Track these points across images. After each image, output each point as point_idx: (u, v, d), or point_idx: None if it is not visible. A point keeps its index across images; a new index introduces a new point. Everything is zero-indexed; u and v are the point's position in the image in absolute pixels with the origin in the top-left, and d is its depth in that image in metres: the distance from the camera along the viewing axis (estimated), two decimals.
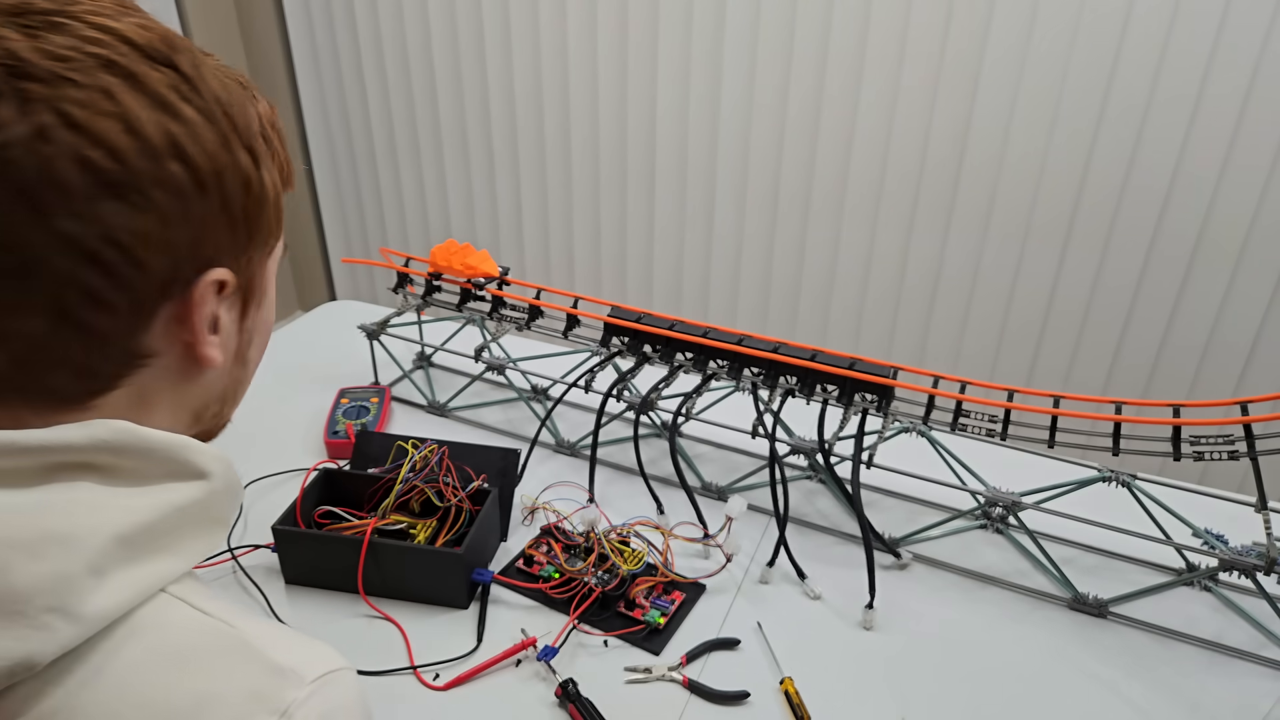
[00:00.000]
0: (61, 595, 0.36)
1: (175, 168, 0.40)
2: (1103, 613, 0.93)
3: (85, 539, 0.37)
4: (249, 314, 0.48)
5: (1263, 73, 1.54)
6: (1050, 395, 0.95)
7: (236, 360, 0.49)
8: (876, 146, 1.86)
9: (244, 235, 0.44)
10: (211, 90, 0.42)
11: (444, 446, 1.02)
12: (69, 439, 0.39)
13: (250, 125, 0.44)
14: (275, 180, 0.46)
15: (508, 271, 1.22)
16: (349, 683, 0.43)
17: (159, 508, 0.40)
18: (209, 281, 0.43)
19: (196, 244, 0.42)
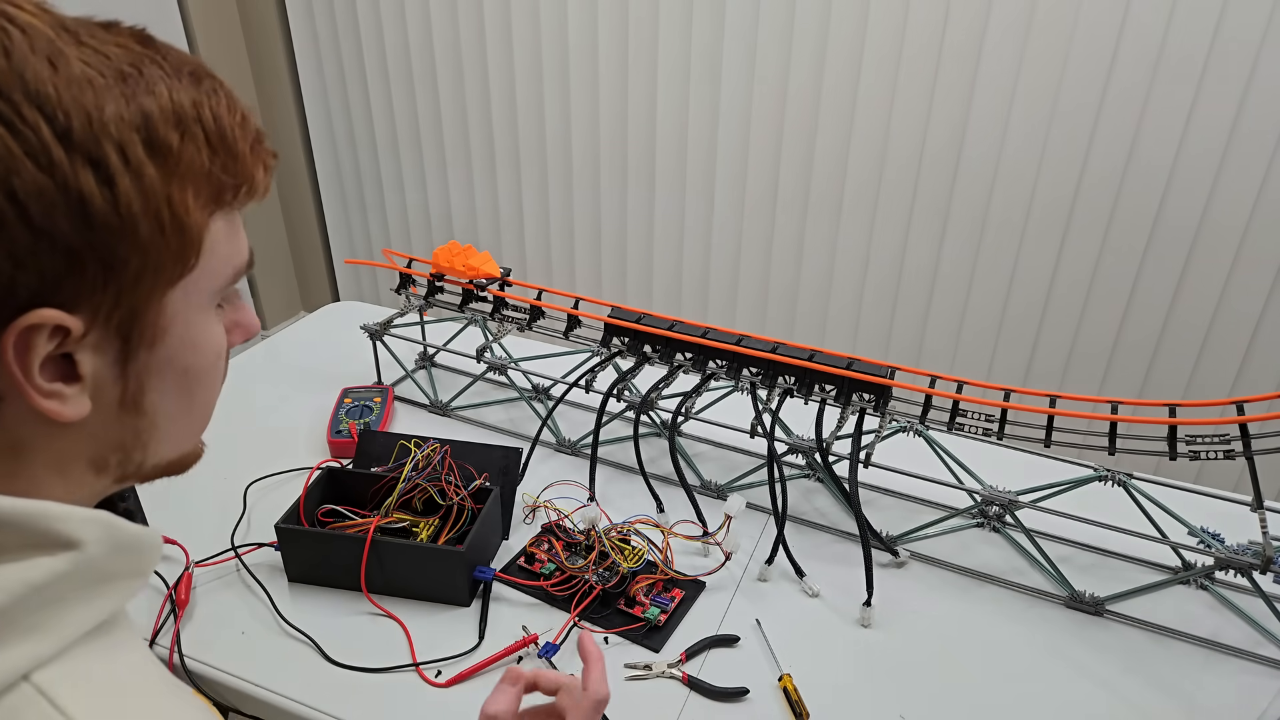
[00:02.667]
0: None
1: None
2: (1099, 611, 0.94)
3: None
4: (135, 357, 0.39)
5: (1259, 73, 1.54)
6: (1047, 395, 0.96)
7: (126, 409, 0.40)
8: (874, 148, 1.87)
9: (95, 269, 0.35)
10: (27, 86, 0.33)
11: (446, 445, 1.03)
12: None
13: (100, 129, 0.35)
14: (169, 196, 0.37)
15: (509, 273, 1.23)
16: None
17: (11, 588, 0.35)
18: (28, 325, 0.34)
19: (3, 280, 0.34)
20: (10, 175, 0.33)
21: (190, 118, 0.38)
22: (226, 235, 0.41)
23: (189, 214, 0.38)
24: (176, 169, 0.37)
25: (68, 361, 0.37)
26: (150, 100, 0.36)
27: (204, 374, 0.43)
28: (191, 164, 0.38)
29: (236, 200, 0.41)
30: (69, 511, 0.37)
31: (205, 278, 0.41)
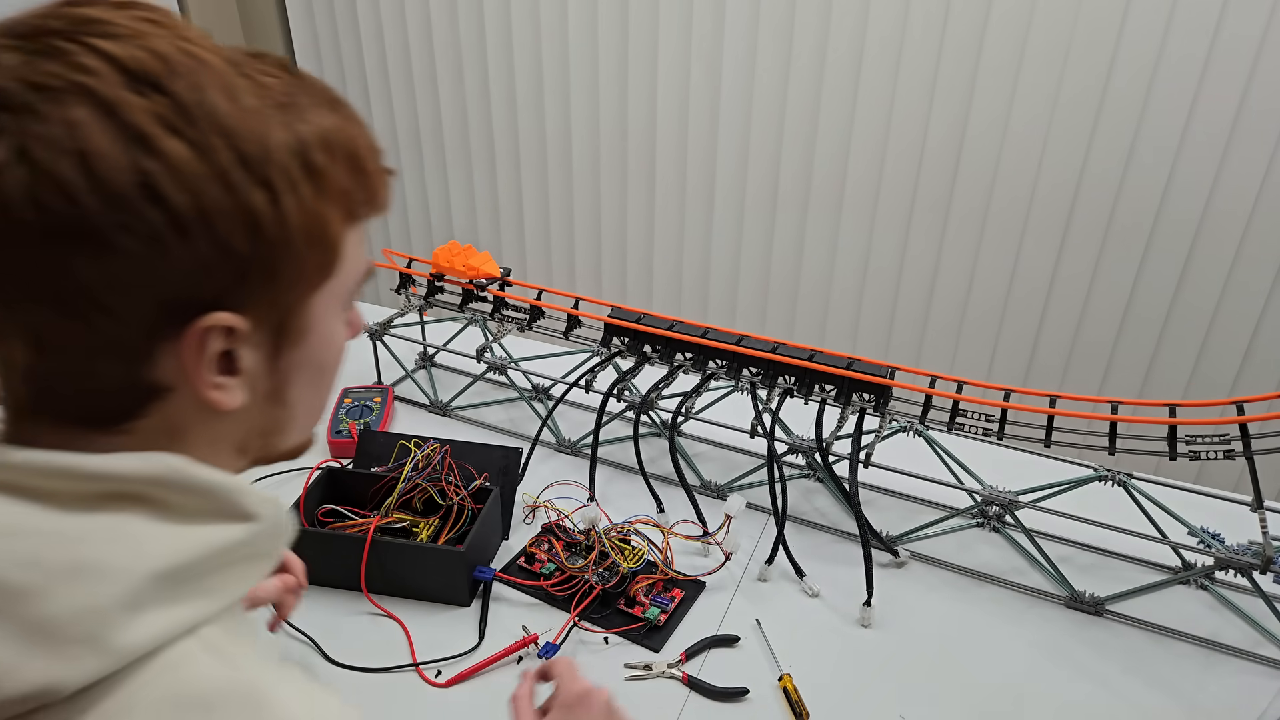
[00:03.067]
0: (93, 627, 0.36)
1: (147, 210, 0.36)
2: (1099, 611, 0.94)
3: (123, 573, 0.37)
4: (284, 354, 0.44)
5: (1259, 74, 1.54)
6: (1047, 395, 0.96)
7: (272, 400, 0.45)
8: (874, 147, 1.87)
9: (260, 277, 0.40)
10: (213, 117, 0.38)
11: (446, 445, 1.03)
12: (125, 469, 0.39)
13: (269, 155, 0.39)
14: (318, 213, 0.41)
15: (509, 273, 1.23)
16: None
17: (200, 548, 0.40)
18: (206, 326, 0.39)
19: (186, 289, 0.38)
20: (201, 195, 0.37)
21: (334, 142, 0.42)
22: (355, 246, 0.46)
23: (332, 228, 0.42)
24: (324, 188, 0.41)
25: (229, 358, 0.41)
26: (304, 127, 0.41)
27: (332, 369, 0.49)
28: (335, 183, 0.42)
29: (364, 214, 0.46)
30: (252, 489, 0.42)
31: (340, 284, 0.45)
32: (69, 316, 0.37)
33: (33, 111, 0.35)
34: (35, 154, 0.35)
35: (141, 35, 0.38)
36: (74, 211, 0.35)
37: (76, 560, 0.36)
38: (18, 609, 0.35)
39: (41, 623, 0.35)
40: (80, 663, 0.35)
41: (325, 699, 0.43)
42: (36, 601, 0.35)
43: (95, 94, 0.36)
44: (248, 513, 0.42)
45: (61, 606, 0.35)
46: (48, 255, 0.36)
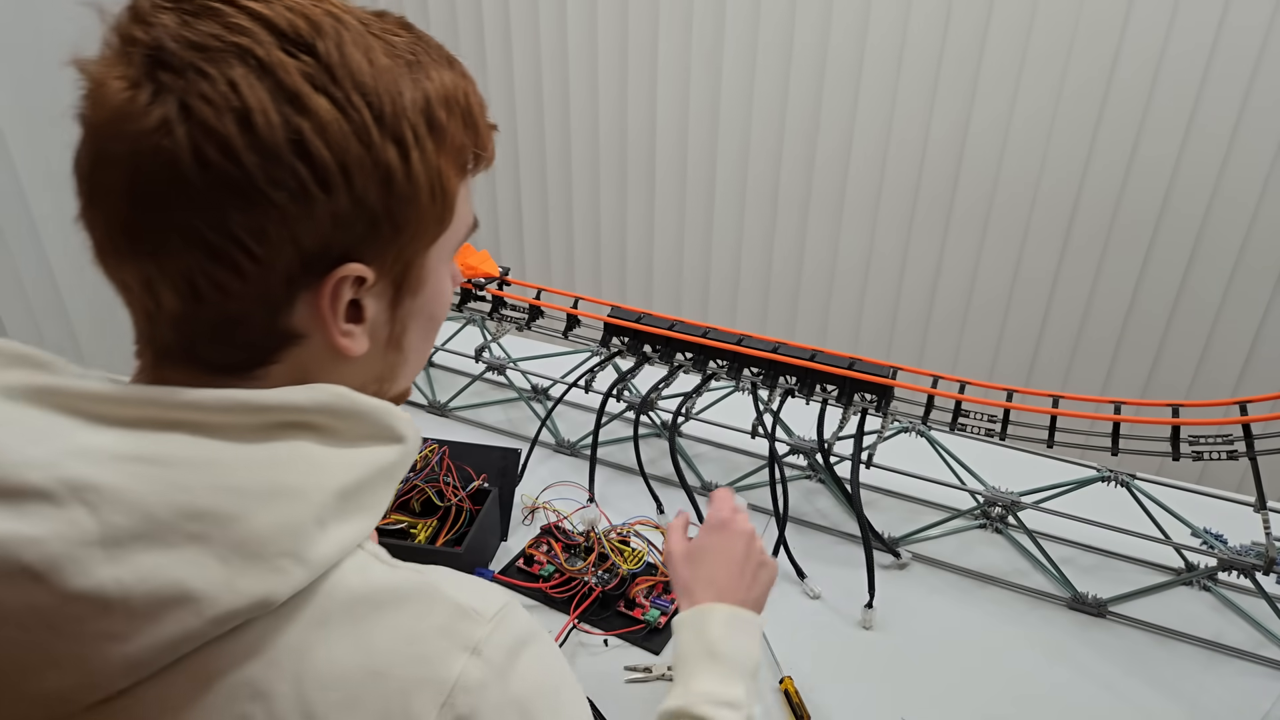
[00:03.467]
0: (294, 541, 0.39)
1: (297, 165, 0.38)
2: (1102, 612, 0.93)
3: (311, 492, 0.40)
4: (402, 303, 0.47)
5: (1261, 74, 1.54)
6: (1049, 395, 0.95)
7: (390, 346, 0.48)
8: (876, 147, 1.86)
9: (388, 229, 0.42)
10: (354, 76, 0.40)
11: (444, 446, 1.02)
12: (295, 400, 0.41)
13: (401, 111, 0.41)
14: (439, 168, 0.43)
15: (508, 272, 1.23)
16: (519, 613, 0.46)
17: (367, 467, 0.42)
18: (341, 276, 0.42)
19: (325, 240, 0.41)
20: (344, 151, 0.39)
21: (453, 99, 0.44)
22: (465, 200, 0.48)
23: (449, 182, 0.45)
24: (444, 144, 0.44)
25: (355, 306, 0.44)
26: (430, 85, 0.43)
27: (440, 318, 0.51)
28: (454, 139, 0.44)
29: (474, 169, 0.48)
30: (400, 412, 0.45)
31: (452, 236, 0.48)
32: (221, 265, 0.39)
33: (196, 70, 0.38)
34: (200, 112, 0.37)
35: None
36: (233, 166, 0.38)
37: (269, 484, 0.39)
38: (224, 532, 0.37)
39: (248, 542, 0.38)
40: (288, 575, 0.38)
41: (486, 587, 0.46)
42: (241, 523, 0.38)
43: (252, 54, 0.38)
44: (399, 434, 0.45)
45: (264, 525, 0.38)
46: (207, 206, 0.38)
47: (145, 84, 0.38)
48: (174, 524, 0.37)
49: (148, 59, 0.38)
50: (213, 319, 0.41)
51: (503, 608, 0.44)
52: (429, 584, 0.43)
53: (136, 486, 0.37)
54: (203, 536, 0.37)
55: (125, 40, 0.39)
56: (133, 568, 0.36)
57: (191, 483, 0.38)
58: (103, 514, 0.36)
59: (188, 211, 0.38)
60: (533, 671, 0.44)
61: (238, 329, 0.42)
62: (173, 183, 0.38)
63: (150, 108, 0.37)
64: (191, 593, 0.37)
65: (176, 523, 0.37)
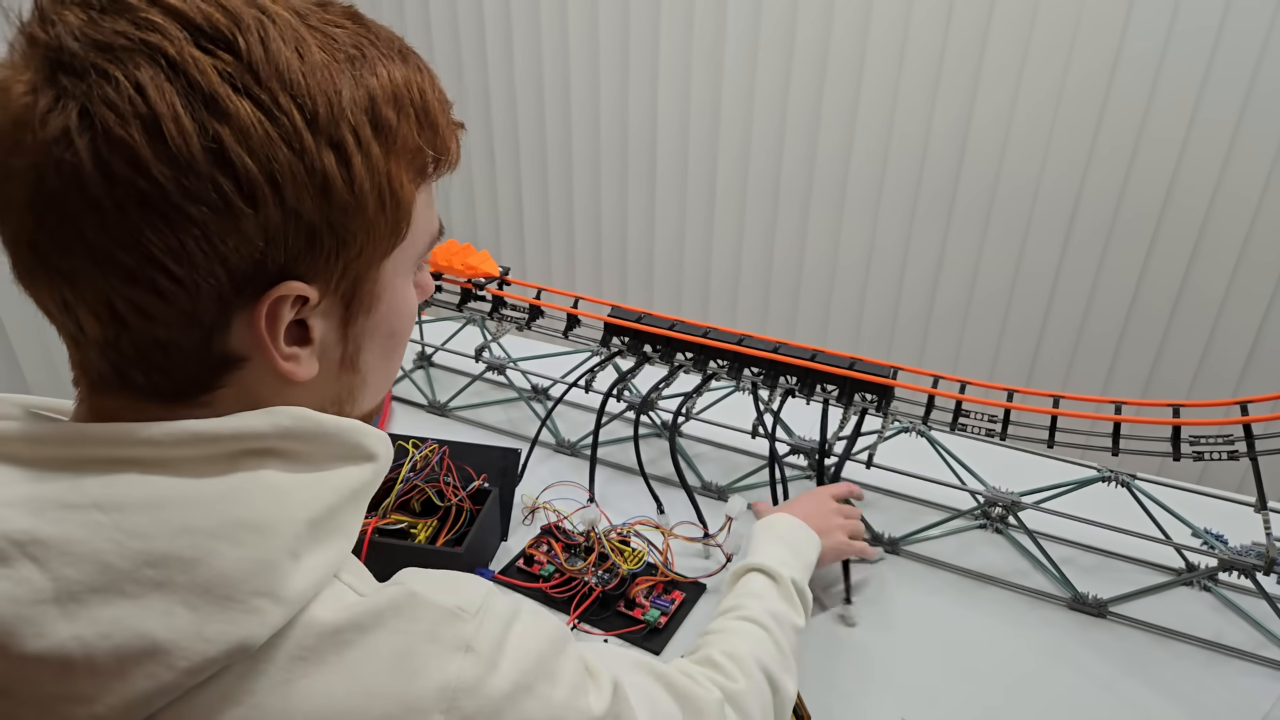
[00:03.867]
0: (267, 579, 0.36)
1: (217, 176, 0.35)
2: (1102, 612, 0.93)
3: (280, 525, 0.37)
4: (354, 321, 0.43)
5: (1263, 73, 1.53)
6: (1050, 395, 0.95)
7: (344, 368, 0.44)
8: (876, 146, 1.86)
9: (330, 244, 0.39)
10: (281, 75, 0.36)
11: (444, 446, 1.02)
12: (255, 427, 0.39)
13: (339, 113, 0.37)
14: (389, 173, 0.39)
15: (508, 271, 1.22)
16: (498, 598, 0.45)
17: (338, 491, 0.40)
18: (276, 297, 0.38)
19: (257, 257, 0.37)
20: (270, 160, 0.35)
21: (404, 97, 0.40)
22: (426, 206, 0.44)
23: (403, 188, 0.41)
24: (394, 146, 0.40)
25: (301, 327, 0.41)
26: (374, 81, 0.39)
27: (403, 335, 0.48)
28: (405, 141, 0.40)
29: (435, 173, 0.44)
30: (369, 429, 0.43)
31: (410, 247, 0.44)
32: (140, 287, 0.36)
33: (99, 73, 0.34)
34: (103, 119, 0.33)
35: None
36: (143, 180, 0.34)
37: (233, 520, 0.36)
38: (188, 576, 0.35)
39: (215, 584, 0.35)
40: (265, 615, 0.36)
41: (460, 580, 0.45)
42: (205, 566, 0.35)
43: (162, 52, 0.34)
44: (370, 452, 0.43)
45: (232, 565, 0.36)
46: (117, 225, 0.35)
47: (45, 89, 0.34)
48: (133, 573, 0.35)
49: (48, 61, 0.34)
50: (140, 344, 0.38)
51: (484, 598, 0.43)
52: (408, 593, 0.41)
53: (87, 536, 0.35)
54: (166, 583, 0.35)
55: (29, 40, 0.35)
56: (92, 623, 0.34)
57: (147, 527, 0.35)
58: (53, 568, 0.34)
59: (97, 230, 0.35)
60: (524, 650, 0.43)
61: (169, 354, 0.38)
62: (78, 199, 0.34)
63: (50, 115, 0.34)
64: (160, 644, 0.34)
65: (136, 571, 0.35)
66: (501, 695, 0.41)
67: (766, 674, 0.66)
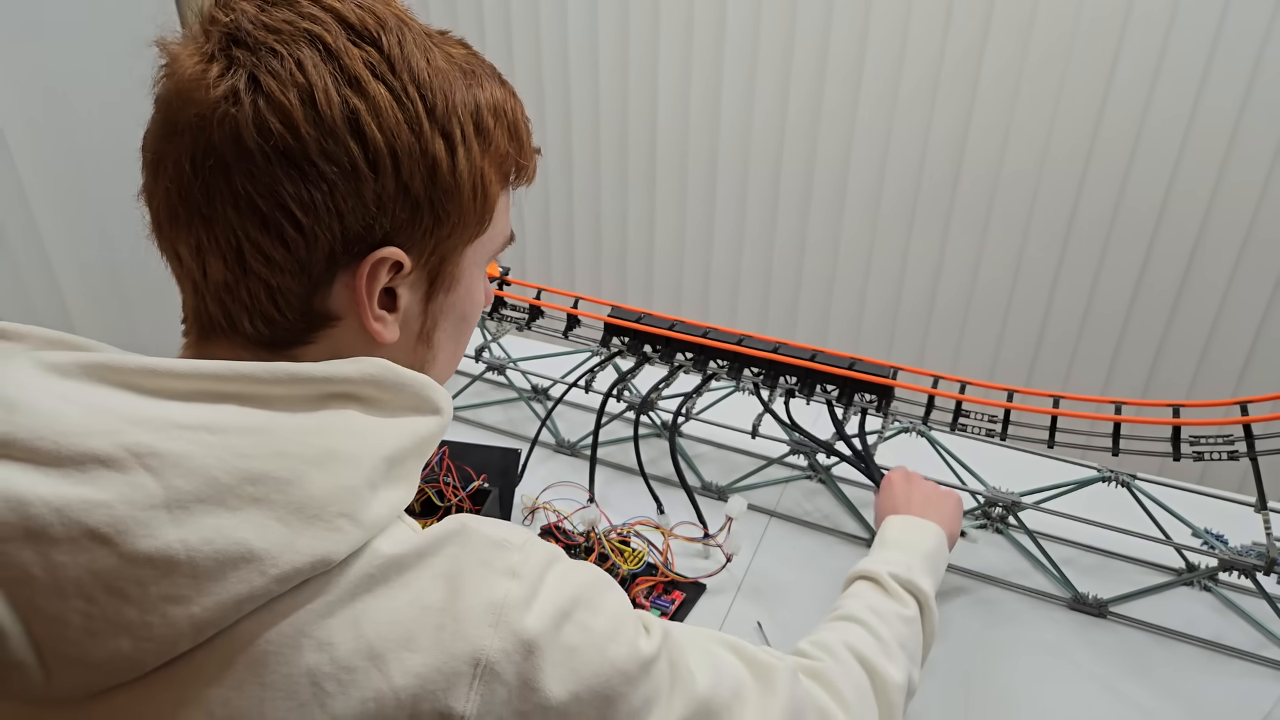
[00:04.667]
0: (349, 503, 0.40)
1: (350, 143, 0.41)
2: (1102, 613, 0.93)
3: (362, 458, 0.42)
4: (435, 297, 0.49)
5: (1261, 74, 1.53)
6: (1050, 395, 0.95)
7: (420, 340, 0.50)
8: (877, 147, 1.86)
9: (428, 219, 0.45)
10: (411, 71, 0.43)
11: (444, 446, 1.02)
12: (343, 372, 0.43)
13: (452, 109, 0.45)
14: (482, 170, 0.47)
15: (508, 271, 1.22)
16: (540, 542, 0.48)
17: (410, 436, 0.45)
18: (379, 258, 0.44)
19: (369, 220, 0.43)
20: (395, 136, 0.43)
21: (501, 110, 0.48)
22: (504, 209, 0.52)
23: (491, 186, 0.48)
24: (489, 148, 0.47)
25: (390, 296, 0.47)
26: (481, 93, 0.47)
27: (472, 322, 0.54)
28: (498, 146, 0.48)
29: (516, 181, 0.52)
30: (437, 386, 0.47)
31: (488, 241, 0.51)
32: (269, 233, 0.42)
33: (268, 49, 0.41)
34: (267, 84, 0.41)
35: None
36: (292, 137, 0.41)
37: (323, 449, 0.40)
38: (282, 495, 0.39)
39: (306, 504, 0.39)
40: (346, 534, 0.40)
41: (499, 522, 0.48)
42: (298, 486, 0.39)
43: (321, 40, 0.42)
44: (437, 406, 0.47)
45: (321, 488, 0.40)
46: (262, 174, 0.41)
47: (219, 58, 0.41)
48: (235, 488, 0.38)
49: (225, 37, 0.42)
50: (255, 290, 0.43)
51: (528, 537, 0.47)
52: (461, 525, 0.45)
53: (197, 452, 0.38)
54: (263, 499, 0.39)
55: (207, 22, 0.43)
56: (197, 529, 0.37)
57: (249, 449, 0.39)
58: (166, 478, 0.38)
59: (244, 177, 0.41)
60: (566, 581, 0.46)
61: (278, 302, 0.44)
62: (234, 149, 0.41)
63: (221, 79, 0.41)
64: (255, 552, 0.38)
65: (237, 486, 0.38)
66: (545, 616, 0.44)
67: (859, 658, 0.65)
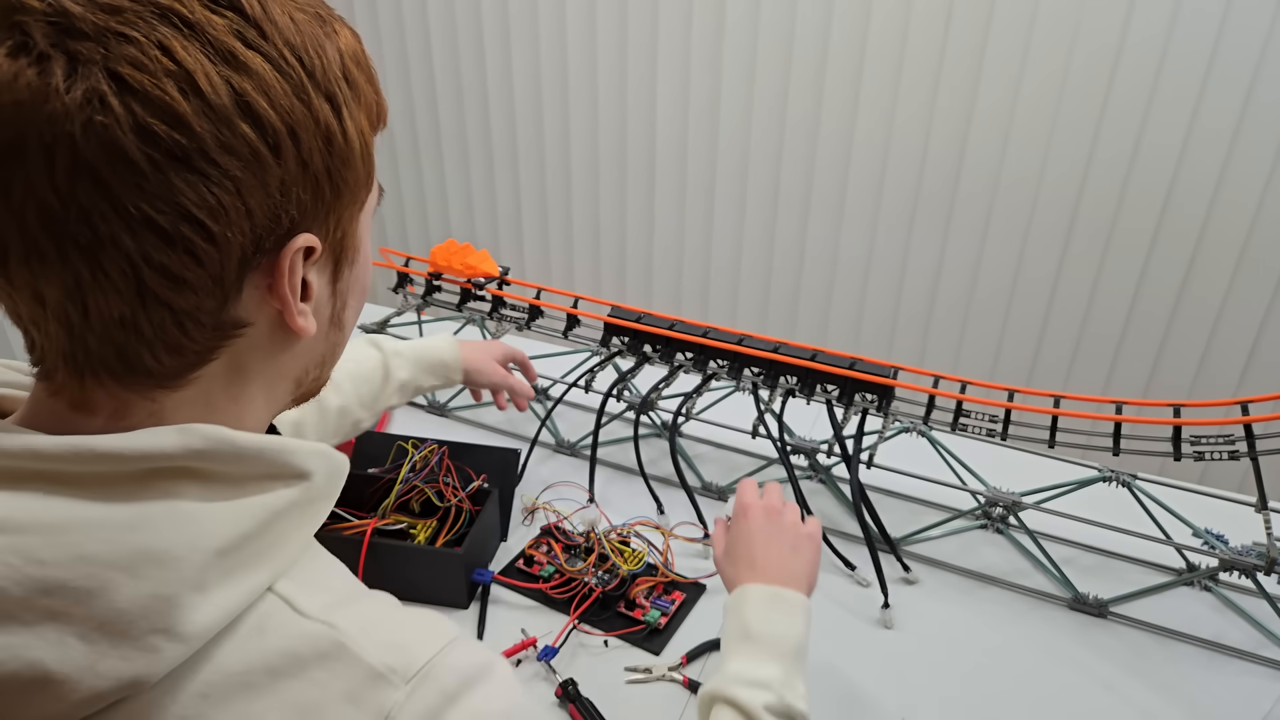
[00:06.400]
0: (165, 616, 0.35)
1: (245, 129, 0.35)
2: (1103, 613, 0.93)
3: (185, 557, 0.35)
4: (341, 275, 0.44)
5: (1263, 73, 1.53)
6: (1050, 395, 0.95)
7: (332, 325, 0.45)
8: (877, 146, 1.86)
9: (329, 194, 0.40)
10: (281, 33, 0.37)
11: (444, 446, 1.02)
12: (163, 447, 0.37)
13: (329, 67, 0.39)
14: (362, 125, 0.41)
15: (508, 271, 1.22)
16: (453, 661, 0.40)
17: (257, 514, 0.38)
18: (294, 249, 0.39)
19: (276, 211, 0.37)
20: (288, 111, 0.37)
21: (358, 54, 0.42)
22: None
23: (369, 140, 0.42)
24: (360, 100, 0.41)
25: (303, 284, 0.41)
26: (339, 41, 0.41)
27: (367, 291, 0.48)
28: (364, 95, 0.42)
29: (379, 127, 0.45)
30: (299, 445, 0.41)
31: (372, 199, 0.45)
32: (175, 250, 0.36)
33: (116, 35, 0.33)
34: (134, 80, 0.33)
35: None
36: (183, 136, 0.34)
37: (134, 550, 0.35)
38: (84, 608, 0.34)
39: (112, 619, 0.34)
40: (160, 653, 0.35)
41: (421, 631, 0.41)
42: (101, 598, 0.34)
43: (174, 13, 0.35)
44: (300, 471, 0.41)
45: (128, 600, 0.34)
46: (156, 187, 0.34)
47: (54, 55, 0.33)
48: (28, 601, 0.33)
49: (52, 27, 0.33)
50: (159, 320, 0.37)
51: (429, 662, 0.39)
52: (337, 643, 0.38)
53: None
54: (62, 614, 0.34)
55: (2, 12, 0.34)
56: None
57: (46, 553, 0.34)
58: None
59: (133, 192, 0.34)
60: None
61: (186, 327, 0.38)
62: (111, 163, 0.33)
63: (72, 82, 0.33)
64: (52, 675, 0.33)
65: (31, 599, 0.33)
66: None
67: None
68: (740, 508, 0.76)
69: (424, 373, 0.98)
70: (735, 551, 0.74)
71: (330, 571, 0.44)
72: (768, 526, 0.74)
